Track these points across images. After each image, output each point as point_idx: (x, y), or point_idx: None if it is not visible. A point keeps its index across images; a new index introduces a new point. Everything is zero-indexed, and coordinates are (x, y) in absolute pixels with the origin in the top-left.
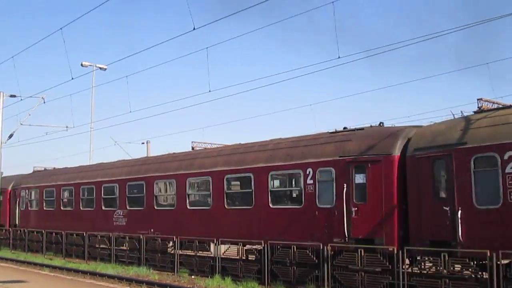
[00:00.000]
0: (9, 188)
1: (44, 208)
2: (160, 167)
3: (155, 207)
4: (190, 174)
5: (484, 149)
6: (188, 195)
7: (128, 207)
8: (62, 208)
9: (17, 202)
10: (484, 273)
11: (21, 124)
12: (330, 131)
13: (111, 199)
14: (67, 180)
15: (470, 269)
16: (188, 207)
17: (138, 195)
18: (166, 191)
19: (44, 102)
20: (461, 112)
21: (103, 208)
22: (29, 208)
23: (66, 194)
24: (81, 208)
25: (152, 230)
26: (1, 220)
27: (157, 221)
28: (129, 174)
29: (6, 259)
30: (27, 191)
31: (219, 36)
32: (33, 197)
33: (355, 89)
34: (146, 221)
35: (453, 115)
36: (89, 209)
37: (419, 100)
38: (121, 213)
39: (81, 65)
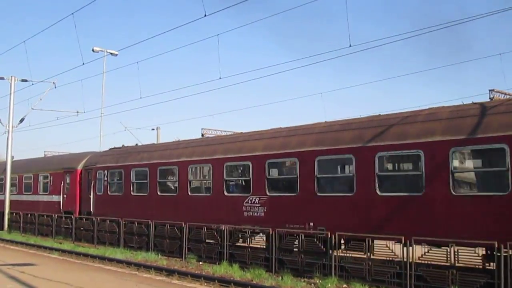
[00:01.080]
0: (79, 168)
1: (133, 193)
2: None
3: (189, 193)
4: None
5: None
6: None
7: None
8: (159, 193)
9: (92, 185)
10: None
11: (32, 108)
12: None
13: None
14: (167, 158)
15: None
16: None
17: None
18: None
19: (55, 87)
20: (472, 102)
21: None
22: (108, 193)
23: (164, 175)
24: (189, 193)
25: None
26: (67, 206)
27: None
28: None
29: (16, 242)
30: (106, 171)
31: (230, 23)
32: (115, 179)
33: (365, 78)
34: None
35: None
36: (205, 194)
37: (429, 91)
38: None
39: (92, 50)
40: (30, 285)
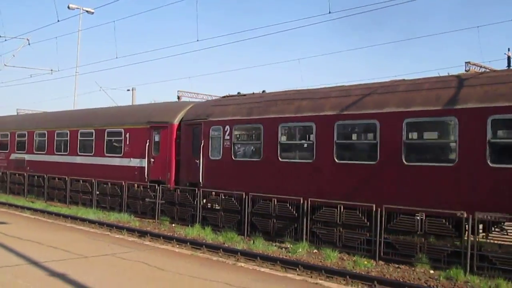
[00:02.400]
0: (175, 122)
1: (281, 159)
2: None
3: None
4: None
5: None
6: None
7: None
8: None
9: (202, 146)
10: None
11: (5, 65)
12: None
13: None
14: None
15: None
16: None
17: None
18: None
19: (29, 44)
20: (448, 73)
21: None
22: (233, 157)
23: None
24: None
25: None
26: (155, 174)
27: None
28: None
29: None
30: (227, 127)
31: None
32: (247, 139)
33: (344, 46)
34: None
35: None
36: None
37: (408, 61)
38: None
39: (68, 7)
40: (1, 243)
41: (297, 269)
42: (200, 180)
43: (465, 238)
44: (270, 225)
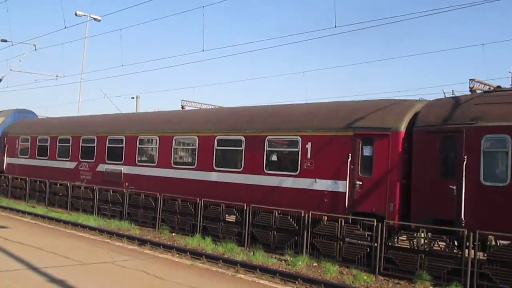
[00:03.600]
0: (401, 129)
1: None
2: None
3: None
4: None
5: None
6: None
7: None
8: None
9: (464, 165)
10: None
11: (11, 70)
12: None
13: None
14: None
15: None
16: None
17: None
18: None
19: (36, 49)
20: (452, 91)
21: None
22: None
23: None
24: None
25: None
26: (365, 204)
27: None
28: None
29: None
30: None
31: None
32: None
33: (350, 59)
34: None
35: (444, 93)
36: None
37: (412, 77)
38: None
39: (75, 14)
40: (1, 247)
41: (297, 282)
42: (462, 216)
43: (466, 255)
44: (270, 237)
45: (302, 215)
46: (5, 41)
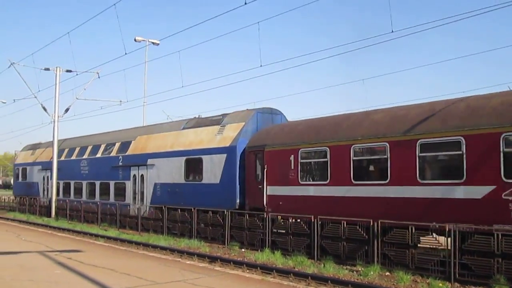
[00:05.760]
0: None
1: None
2: None
3: None
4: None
5: None
6: None
7: None
8: None
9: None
10: None
11: (77, 98)
12: None
13: None
14: None
15: None
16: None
17: None
18: None
19: (99, 77)
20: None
21: None
22: None
23: None
24: None
25: None
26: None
27: None
28: None
29: (63, 229)
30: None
31: (271, 10)
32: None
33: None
34: None
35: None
36: None
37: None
38: None
39: (135, 40)
40: (78, 271)
41: None
42: None
43: None
44: (340, 248)
45: (371, 224)
46: (70, 71)
